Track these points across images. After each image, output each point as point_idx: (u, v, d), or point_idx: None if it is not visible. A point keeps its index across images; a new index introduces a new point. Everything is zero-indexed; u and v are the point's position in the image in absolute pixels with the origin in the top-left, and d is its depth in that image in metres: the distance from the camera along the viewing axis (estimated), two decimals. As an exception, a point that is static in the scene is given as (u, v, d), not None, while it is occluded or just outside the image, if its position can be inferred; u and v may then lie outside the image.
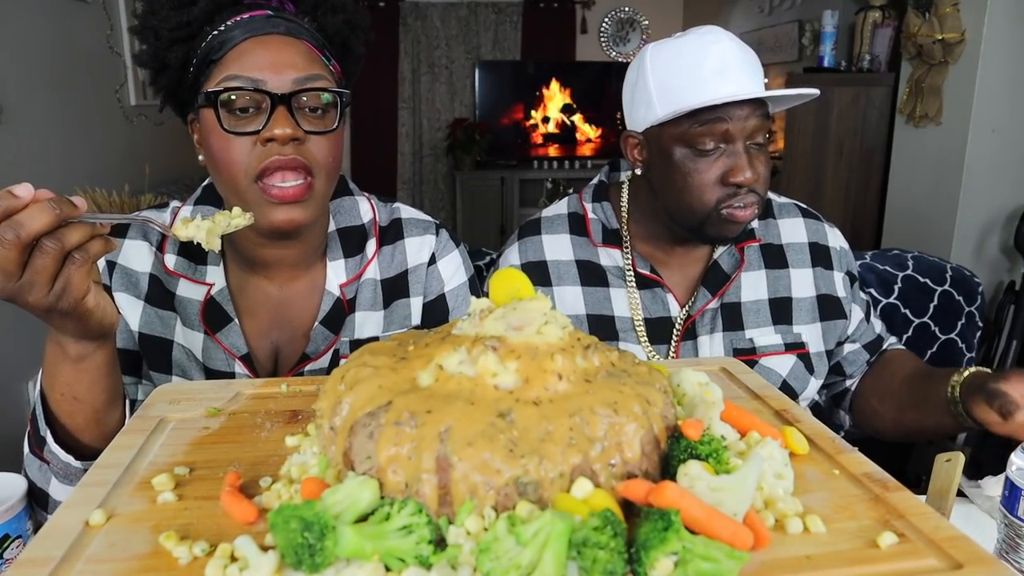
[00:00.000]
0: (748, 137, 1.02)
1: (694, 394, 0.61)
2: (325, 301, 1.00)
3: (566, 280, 1.17)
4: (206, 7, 0.88)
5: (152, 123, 3.16)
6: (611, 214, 1.19)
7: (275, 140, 0.84)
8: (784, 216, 1.21)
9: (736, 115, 1.00)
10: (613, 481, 0.48)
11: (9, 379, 2.09)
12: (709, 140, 1.01)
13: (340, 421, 0.52)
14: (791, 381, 1.16)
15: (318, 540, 0.43)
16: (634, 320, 1.16)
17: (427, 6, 5.52)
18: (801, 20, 3.99)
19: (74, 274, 0.66)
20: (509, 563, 0.42)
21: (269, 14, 0.88)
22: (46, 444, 0.80)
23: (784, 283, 1.18)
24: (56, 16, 2.46)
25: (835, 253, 1.21)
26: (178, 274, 0.97)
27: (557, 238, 1.19)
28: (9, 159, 2.13)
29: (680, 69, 1.02)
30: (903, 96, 2.94)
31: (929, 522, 0.50)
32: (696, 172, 1.03)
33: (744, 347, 1.15)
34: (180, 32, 0.88)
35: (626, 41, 5.81)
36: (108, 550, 0.48)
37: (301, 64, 0.87)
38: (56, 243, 0.63)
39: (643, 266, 1.16)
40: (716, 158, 1.02)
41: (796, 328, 1.17)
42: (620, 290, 1.16)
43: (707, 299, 1.14)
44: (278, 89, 0.85)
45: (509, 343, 0.53)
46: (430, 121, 5.73)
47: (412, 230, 1.07)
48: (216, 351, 0.97)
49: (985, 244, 2.76)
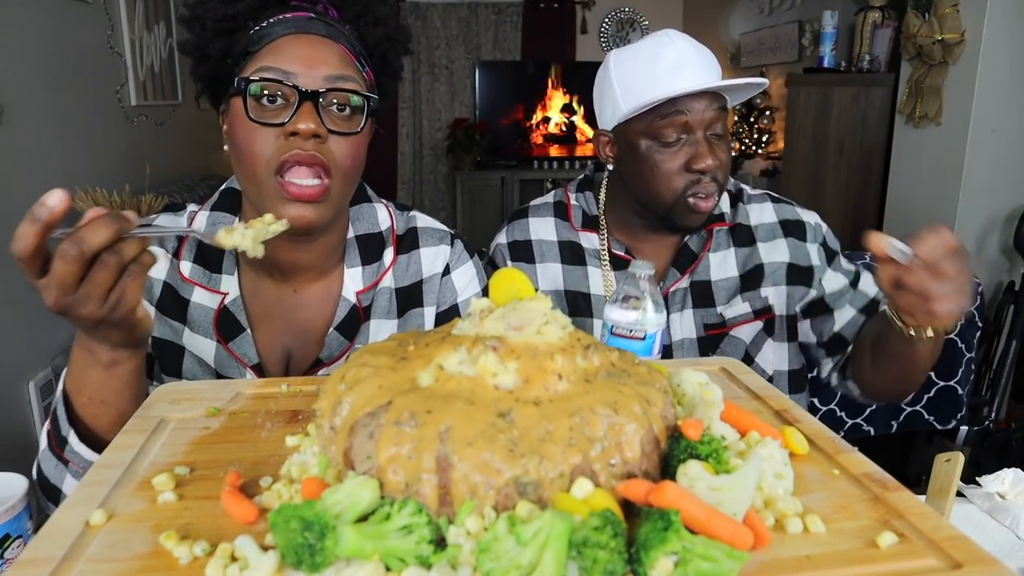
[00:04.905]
0: (707, 127, 1.11)
1: (694, 394, 0.61)
2: (341, 307, 1.00)
3: (548, 258, 1.27)
4: (253, 3, 0.88)
5: (152, 123, 3.16)
6: (592, 203, 1.30)
7: (298, 134, 0.84)
8: (754, 203, 1.27)
9: (694, 108, 1.09)
10: (613, 481, 0.48)
11: (9, 379, 2.09)
12: (671, 132, 1.10)
13: (340, 421, 0.52)
14: (750, 349, 1.22)
15: (318, 540, 0.43)
16: (607, 297, 1.24)
17: (427, 6, 5.52)
18: (801, 20, 3.99)
19: (129, 286, 0.68)
20: (509, 563, 0.42)
21: (312, 16, 0.89)
22: (68, 444, 0.80)
23: (755, 255, 1.23)
24: (56, 16, 2.46)
25: (809, 228, 1.25)
26: (193, 282, 0.98)
27: (543, 220, 1.30)
28: (9, 159, 2.13)
29: (639, 69, 1.12)
30: (903, 96, 2.94)
31: (929, 522, 0.51)
32: (661, 162, 1.12)
33: (714, 322, 1.22)
34: (225, 24, 0.89)
35: (626, 41, 5.80)
36: (108, 550, 0.48)
37: (334, 63, 0.87)
38: (116, 257, 0.65)
39: (618, 248, 1.26)
40: (678, 148, 1.12)
41: (763, 291, 1.22)
42: (596, 270, 1.26)
43: (676, 277, 1.22)
44: (308, 85, 0.85)
45: (509, 343, 0.53)
46: (430, 121, 5.73)
47: (428, 240, 1.07)
48: (228, 359, 0.97)
49: (985, 244, 2.76)
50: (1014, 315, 2.53)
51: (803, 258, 1.23)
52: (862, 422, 1.66)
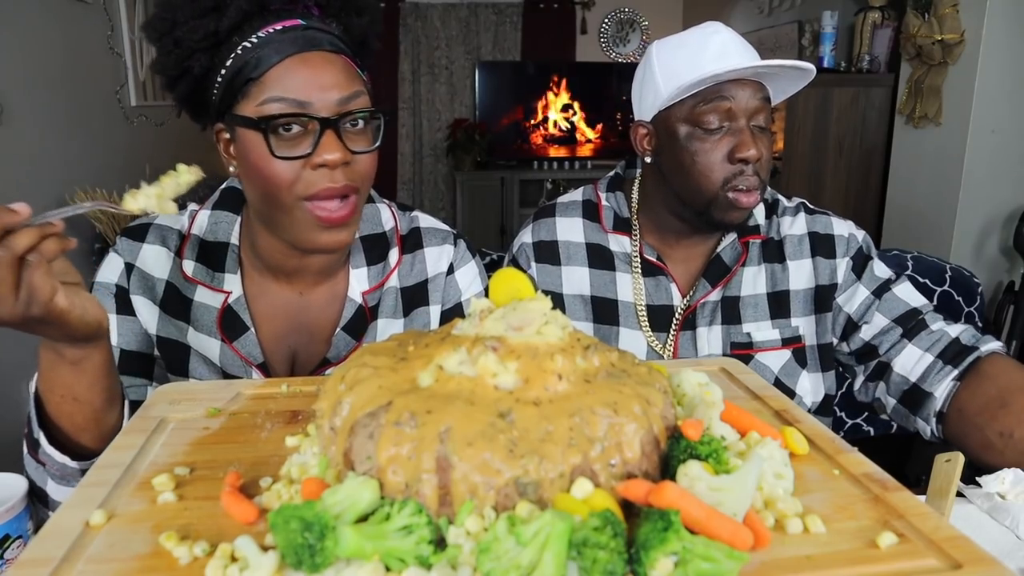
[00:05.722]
0: (750, 117, 1.07)
1: (694, 394, 0.61)
2: (347, 308, 1.00)
3: (575, 260, 1.22)
4: (235, 16, 0.85)
5: (152, 123, 3.16)
6: (623, 203, 1.24)
7: (326, 166, 0.83)
8: (787, 215, 1.23)
9: (739, 95, 1.06)
10: (613, 481, 0.48)
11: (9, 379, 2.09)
12: (713, 118, 1.06)
13: (340, 421, 0.52)
14: (783, 377, 1.17)
15: (318, 540, 0.43)
16: (636, 305, 1.19)
17: (427, 7, 5.52)
18: (801, 21, 3.99)
19: (34, 277, 0.65)
20: (509, 563, 0.42)
21: (300, 24, 0.86)
22: (40, 446, 0.80)
23: (783, 277, 1.19)
24: (56, 16, 2.46)
25: (840, 241, 1.20)
26: (196, 281, 0.97)
27: (570, 221, 1.24)
28: (9, 159, 2.13)
29: (684, 55, 1.09)
30: (903, 97, 2.94)
31: (929, 522, 0.51)
32: (703, 151, 1.08)
33: (741, 341, 1.17)
34: (206, 42, 0.86)
35: (626, 42, 5.81)
36: (108, 550, 0.48)
37: (344, 83, 0.85)
38: (4, 251, 0.63)
39: (650, 253, 1.20)
40: (721, 136, 1.07)
41: (794, 321, 1.18)
42: (626, 275, 1.21)
43: (707, 290, 1.17)
44: (324, 111, 0.83)
45: (509, 343, 0.53)
46: (430, 121, 5.73)
47: (431, 240, 1.07)
48: (233, 358, 0.97)
49: (985, 244, 2.76)
50: (1014, 315, 2.53)
51: (828, 277, 1.18)
52: (862, 422, 1.65)
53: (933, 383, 1.10)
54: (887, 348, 1.17)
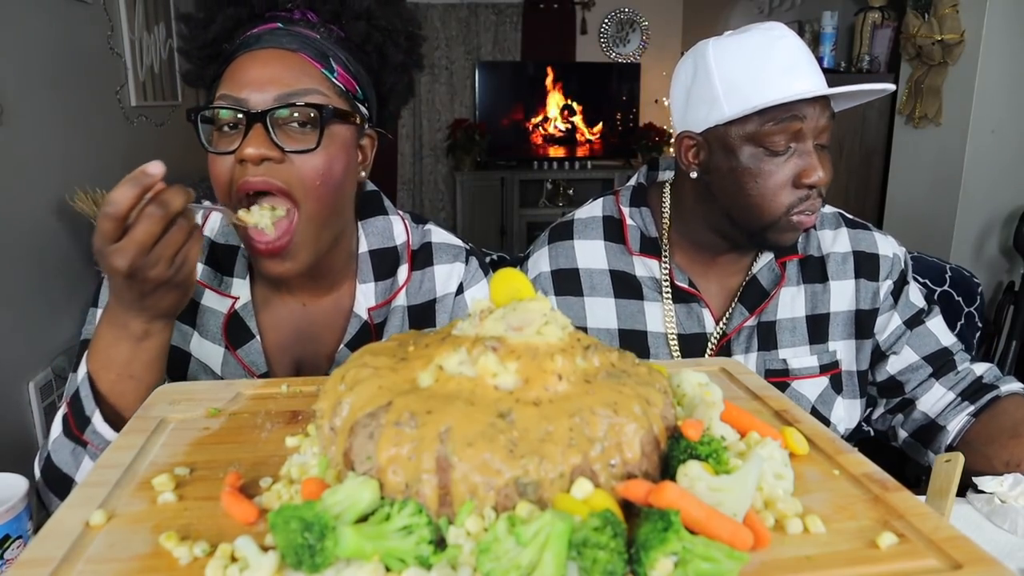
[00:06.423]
0: (817, 137, 1.00)
1: (694, 394, 0.61)
2: (352, 324, 0.98)
3: (599, 291, 1.12)
4: (224, 24, 0.86)
5: (153, 124, 3.16)
6: (650, 220, 1.14)
7: (246, 160, 0.81)
8: (826, 227, 1.16)
9: (809, 114, 0.98)
10: (613, 481, 0.48)
11: (9, 379, 2.09)
12: (781, 139, 0.98)
13: (340, 421, 0.52)
14: (819, 406, 1.12)
15: (318, 540, 0.43)
16: (668, 336, 1.11)
17: (427, 7, 5.52)
18: (800, 21, 3.99)
19: (192, 248, 0.74)
20: (509, 563, 0.42)
21: (278, 27, 0.86)
22: (90, 424, 0.80)
23: (823, 298, 1.13)
24: (56, 16, 2.46)
25: (884, 262, 1.14)
26: (204, 284, 0.96)
27: (591, 244, 1.14)
28: (9, 159, 2.12)
29: (748, 65, 0.99)
30: (903, 97, 2.94)
31: (929, 522, 0.51)
32: (768, 174, 0.99)
33: (777, 368, 1.11)
34: (207, 51, 0.88)
35: (626, 42, 5.81)
36: (108, 550, 0.48)
37: (288, 79, 0.83)
38: (187, 220, 0.72)
39: (681, 279, 1.11)
40: (787, 158, 0.99)
41: (832, 345, 1.12)
42: (655, 304, 1.12)
43: (744, 316, 1.10)
44: (259, 106, 0.81)
45: (509, 343, 0.53)
46: (430, 122, 5.73)
47: (442, 256, 1.03)
48: (236, 367, 0.96)
49: (984, 245, 2.76)
50: (1014, 315, 2.53)
51: (870, 301, 1.13)
52: (862, 422, 1.65)
53: (949, 418, 1.09)
54: (914, 386, 1.13)
